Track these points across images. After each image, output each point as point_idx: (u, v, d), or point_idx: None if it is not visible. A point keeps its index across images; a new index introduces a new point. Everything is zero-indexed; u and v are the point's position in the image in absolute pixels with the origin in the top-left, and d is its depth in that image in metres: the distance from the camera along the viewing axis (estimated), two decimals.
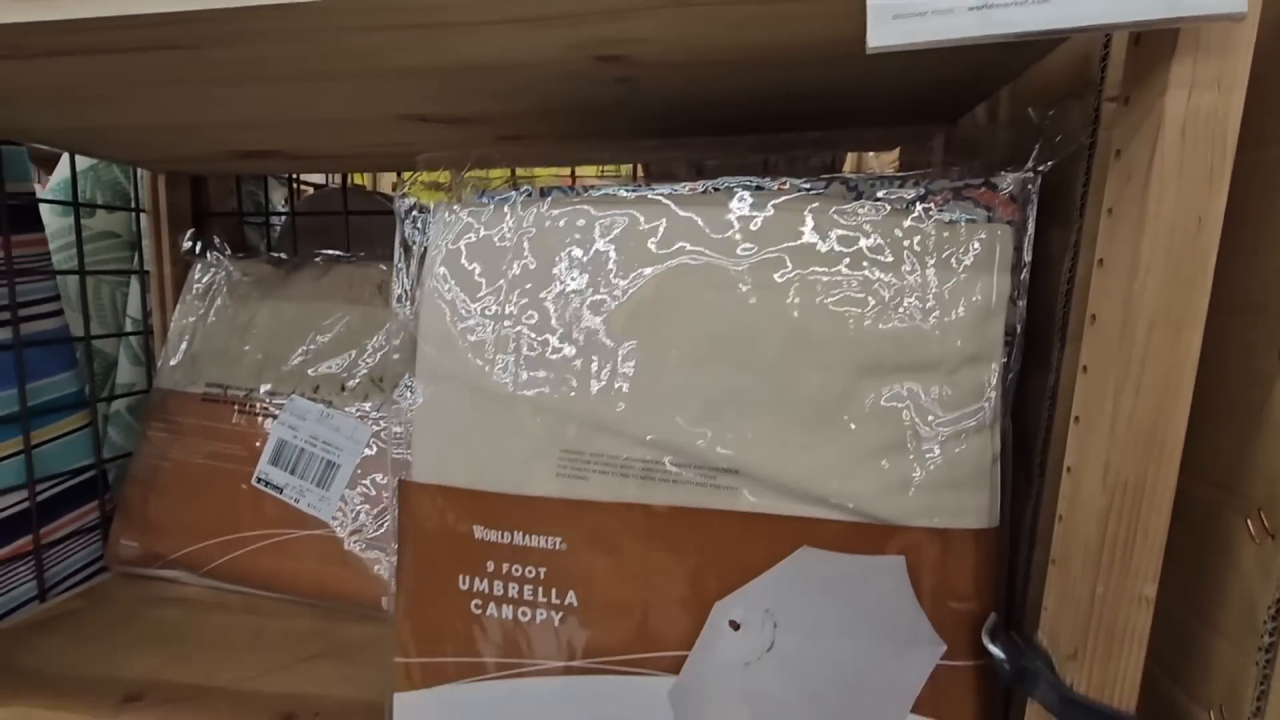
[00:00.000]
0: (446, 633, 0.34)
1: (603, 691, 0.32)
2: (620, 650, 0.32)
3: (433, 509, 0.34)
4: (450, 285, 0.34)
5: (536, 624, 0.33)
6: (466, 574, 0.34)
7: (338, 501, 0.51)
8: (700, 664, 0.31)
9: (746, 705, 0.31)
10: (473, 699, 0.34)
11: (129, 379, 0.65)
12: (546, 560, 0.32)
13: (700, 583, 0.31)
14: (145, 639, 0.48)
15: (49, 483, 0.55)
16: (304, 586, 0.51)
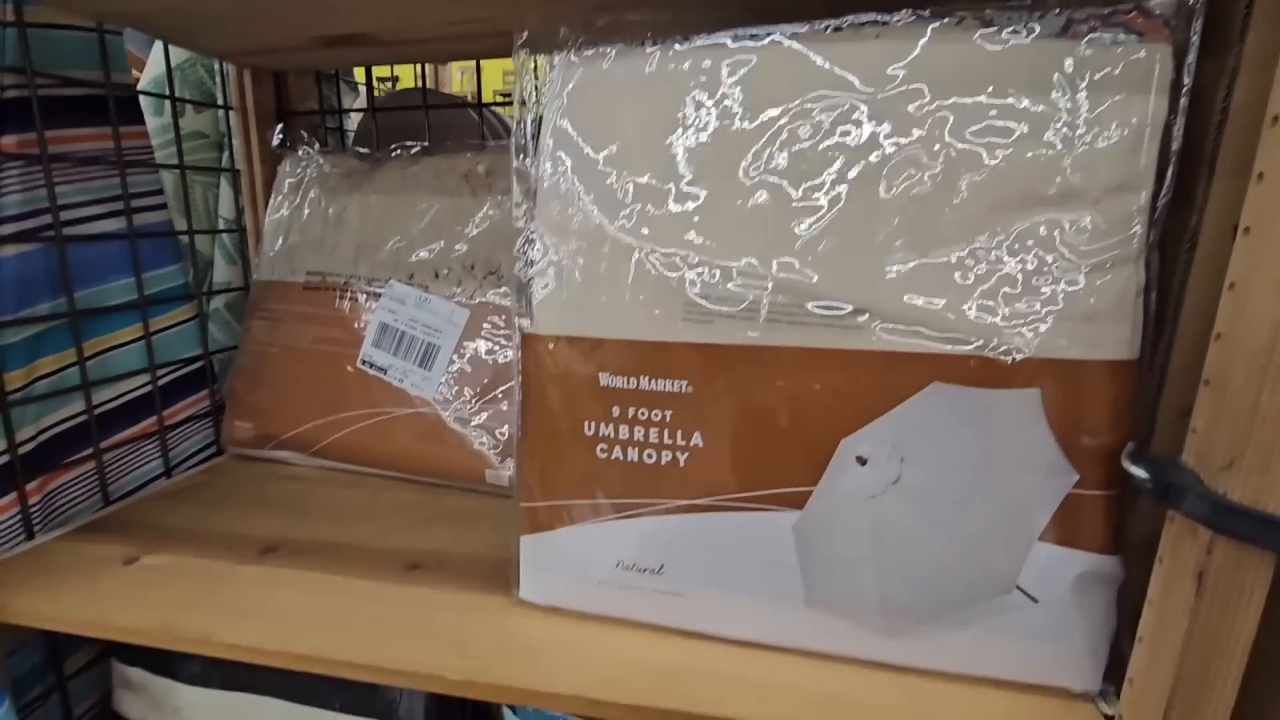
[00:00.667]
0: (571, 477, 0.36)
1: (726, 527, 0.33)
2: (744, 488, 0.33)
3: (558, 360, 0.35)
4: (572, 136, 0.34)
5: (661, 466, 0.34)
6: (592, 420, 0.35)
7: (439, 381, 0.53)
8: (825, 499, 0.32)
9: (870, 537, 0.32)
10: (597, 538, 0.36)
11: (225, 278, 0.67)
12: (673, 403, 0.33)
13: (827, 421, 0.31)
14: (268, 507, 0.52)
15: (165, 369, 0.58)
16: (408, 463, 0.54)
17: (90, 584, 0.42)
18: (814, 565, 0.33)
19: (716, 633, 0.35)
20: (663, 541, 0.35)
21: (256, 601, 0.39)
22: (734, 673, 0.33)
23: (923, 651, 0.32)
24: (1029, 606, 0.30)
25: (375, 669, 0.34)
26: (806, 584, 0.33)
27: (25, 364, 0.48)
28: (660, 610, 0.35)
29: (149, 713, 0.47)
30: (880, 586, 0.32)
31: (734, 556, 0.34)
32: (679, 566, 0.35)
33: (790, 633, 0.34)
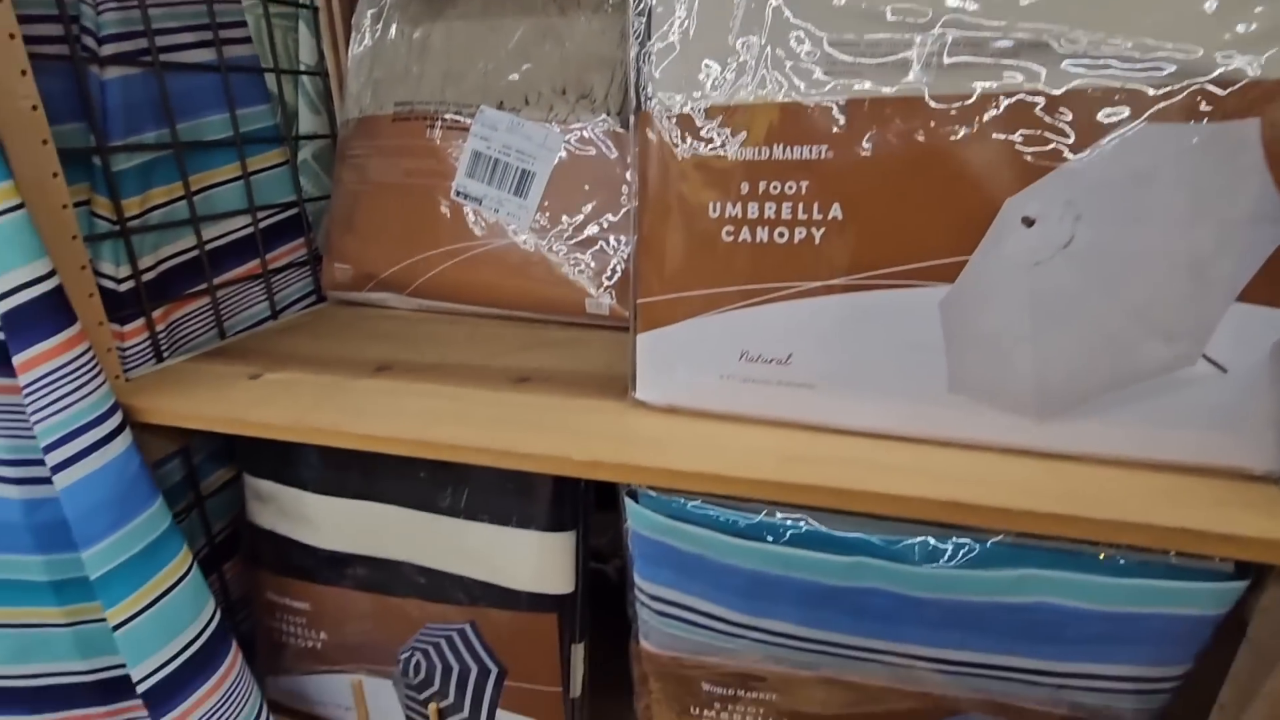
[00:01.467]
0: (694, 266, 0.34)
1: (864, 309, 0.31)
2: (887, 263, 0.31)
3: (679, 137, 0.33)
4: None
5: (794, 245, 0.32)
6: (718, 200, 0.33)
7: (535, 210, 0.51)
8: (980, 268, 0.29)
9: (1030, 309, 0.29)
10: (720, 330, 0.34)
11: (310, 127, 0.67)
12: (809, 172, 0.31)
13: (989, 179, 0.28)
14: (375, 338, 0.53)
15: (263, 212, 0.59)
16: (505, 297, 0.54)
17: (221, 392, 0.44)
18: (961, 345, 0.30)
19: (849, 425, 0.34)
20: (792, 329, 0.33)
21: (379, 404, 0.40)
22: (869, 459, 0.32)
23: (1078, 435, 0.30)
24: (1214, 379, 0.28)
25: (502, 453, 0.35)
26: (951, 367, 0.31)
27: (139, 193, 0.49)
28: (787, 404, 0.34)
29: (279, 521, 0.50)
30: (1037, 365, 0.30)
31: (871, 341, 0.32)
32: (809, 355, 0.33)
33: (930, 422, 0.32)
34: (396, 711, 0.52)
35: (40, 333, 0.38)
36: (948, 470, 0.31)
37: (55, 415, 0.39)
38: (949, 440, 0.32)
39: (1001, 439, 0.31)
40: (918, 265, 0.30)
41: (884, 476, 0.30)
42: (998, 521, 0.28)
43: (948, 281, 0.30)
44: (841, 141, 0.30)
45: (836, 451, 0.33)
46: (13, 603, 0.44)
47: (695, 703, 0.42)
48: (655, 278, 0.35)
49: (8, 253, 0.37)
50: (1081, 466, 0.30)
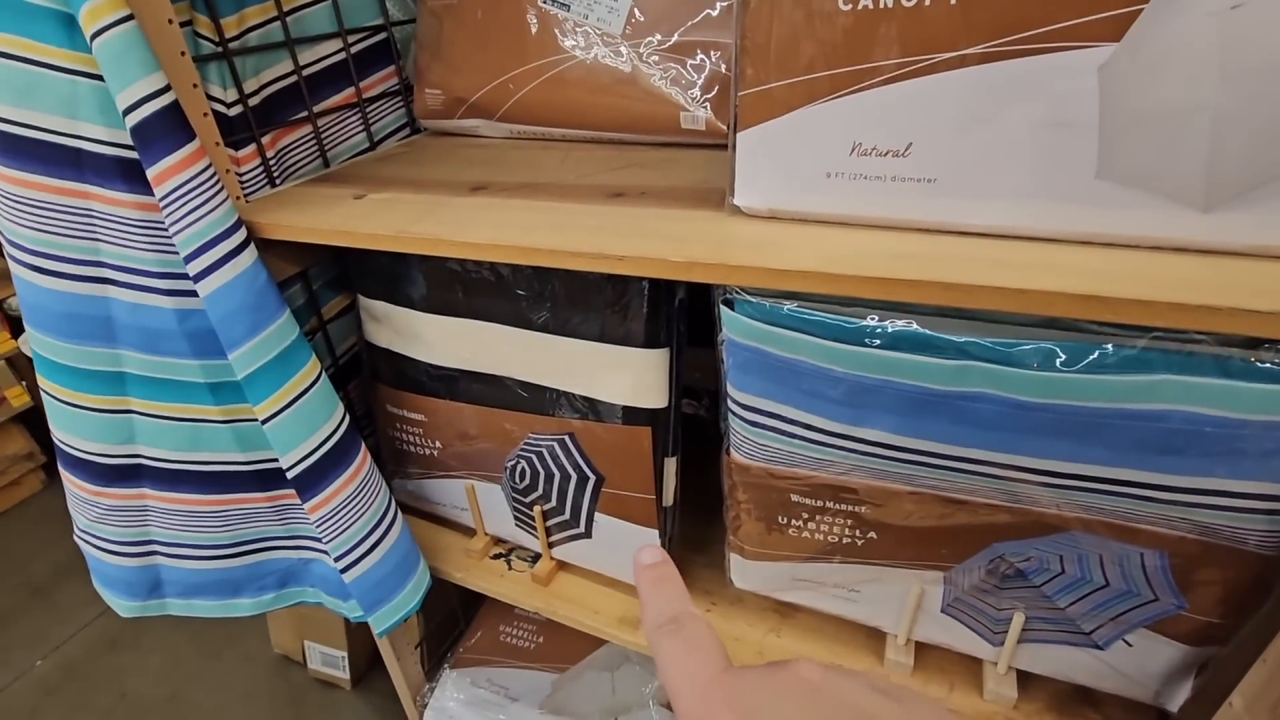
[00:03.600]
0: (804, 44, 0.31)
1: (1000, 82, 0.27)
2: (1037, 22, 0.26)
3: None
4: None
5: (925, 4, 0.28)
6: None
7: (626, 12, 0.47)
8: (1159, 18, 0.24)
9: (1219, 66, 0.24)
10: (829, 119, 0.31)
11: None
12: None
13: None
14: (469, 164, 0.53)
15: (353, 37, 0.58)
16: (597, 116, 0.52)
17: (330, 210, 0.45)
18: (1121, 119, 0.26)
19: (974, 225, 0.31)
20: (915, 113, 0.30)
21: (477, 217, 0.41)
22: (994, 257, 0.29)
23: (1250, 226, 0.26)
24: None
25: (598, 256, 0.34)
26: (1103, 148, 0.27)
27: (235, 12, 0.49)
28: (904, 202, 0.32)
29: (394, 339, 0.53)
30: (1214, 139, 0.25)
31: (1007, 122, 0.28)
32: (933, 143, 0.30)
33: (1072, 216, 0.29)
34: (505, 512, 0.57)
35: (167, 146, 0.40)
36: (1085, 266, 0.28)
37: (191, 226, 0.42)
38: (1091, 238, 0.29)
39: (1154, 233, 0.28)
40: (1075, 21, 0.26)
41: (1008, 272, 0.28)
42: (1140, 316, 0.25)
43: (1112, 41, 0.25)
44: None
45: (957, 251, 0.30)
46: (180, 399, 0.51)
47: (784, 513, 0.44)
48: (760, 64, 0.32)
49: (128, 64, 0.38)
50: (1249, 261, 0.27)
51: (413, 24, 0.62)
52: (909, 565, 0.42)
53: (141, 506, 0.53)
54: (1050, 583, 0.39)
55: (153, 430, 0.51)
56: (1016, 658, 0.43)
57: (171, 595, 0.57)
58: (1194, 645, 0.37)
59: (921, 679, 0.47)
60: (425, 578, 0.56)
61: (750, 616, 0.52)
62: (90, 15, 0.37)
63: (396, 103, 0.63)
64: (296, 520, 0.57)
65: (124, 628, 1.12)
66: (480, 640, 0.80)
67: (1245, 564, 0.33)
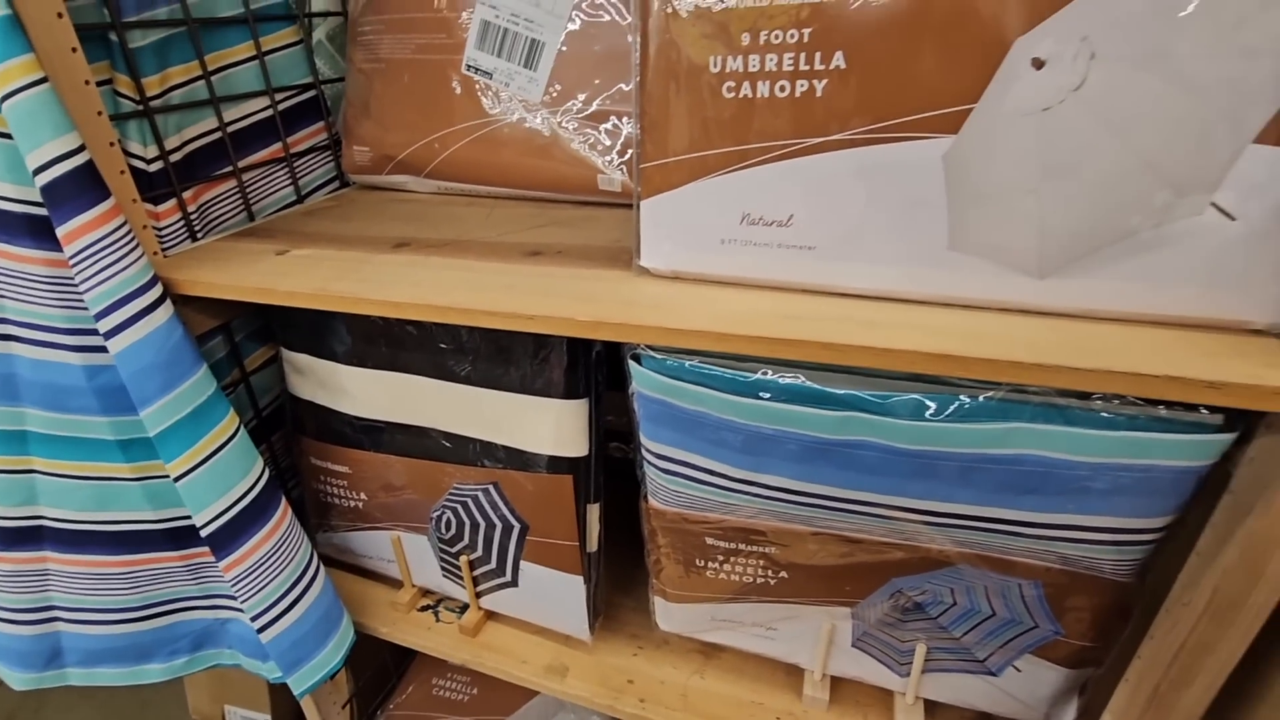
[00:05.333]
0: (697, 126, 0.34)
1: (865, 165, 0.31)
2: (890, 115, 0.30)
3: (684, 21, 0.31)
4: None
5: (795, 99, 0.31)
6: (717, 54, 0.32)
7: (545, 83, 0.50)
8: (987, 116, 0.28)
9: (1036, 157, 0.28)
10: (721, 192, 0.34)
11: (322, 5, 0.65)
12: (811, 19, 0.30)
13: (998, 20, 0.27)
14: (394, 219, 0.54)
15: (281, 95, 0.59)
16: (519, 176, 0.54)
17: (250, 266, 0.46)
18: (963, 199, 0.30)
19: (849, 287, 0.34)
20: (793, 188, 0.33)
21: (397, 275, 0.42)
22: (866, 318, 0.33)
23: (1079, 292, 0.30)
24: (1220, 229, 0.27)
25: (511, 316, 0.36)
26: (953, 224, 0.31)
27: (158, 71, 0.49)
28: (789, 266, 0.35)
29: (318, 392, 0.53)
30: (1041, 219, 0.29)
31: (871, 199, 0.32)
32: (810, 215, 0.33)
33: (929, 281, 0.32)
34: (432, 563, 0.57)
35: (78, 205, 0.40)
36: (941, 327, 0.31)
37: (102, 284, 0.41)
38: (947, 300, 0.33)
39: (1000, 297, 0.32)
40: (921, 116, 0.29)
41: (877, 332, 0.31)
42: (987, 373, 0.29)
43: (951, 132, 0.29)
44: None
45: (834, 311, 0.33)
46: (88, 457, 0.49)
47: (700, 555, 0.45)
48: (658, 141, 0.35)
49: (39, 126, 0.39)
50: (1079, 323, 0.31)
51: (342, 82, 0.64)
52: (819, 602, 0.44)
53: (42, 570, 0.51)
54: (945, 614, 0.42)
55: (56, 490, 0.49)
56: (923, 687, 0.46)
57: (72, 664, 0.54)
58: (1073, 668, 0.40)
59: (837, 713, 0.49)
60: (349, 634, 0.55)
61: (675, 659, 0.53)
62: (2, 78, 0.37)
63: (325, 157, 0.64)
64: (212, 579, 0.55)
65: (22, 701, 1.04)
66: (412, 695, 0.78)
67: (1106, 591, 0.36)
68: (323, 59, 0.67)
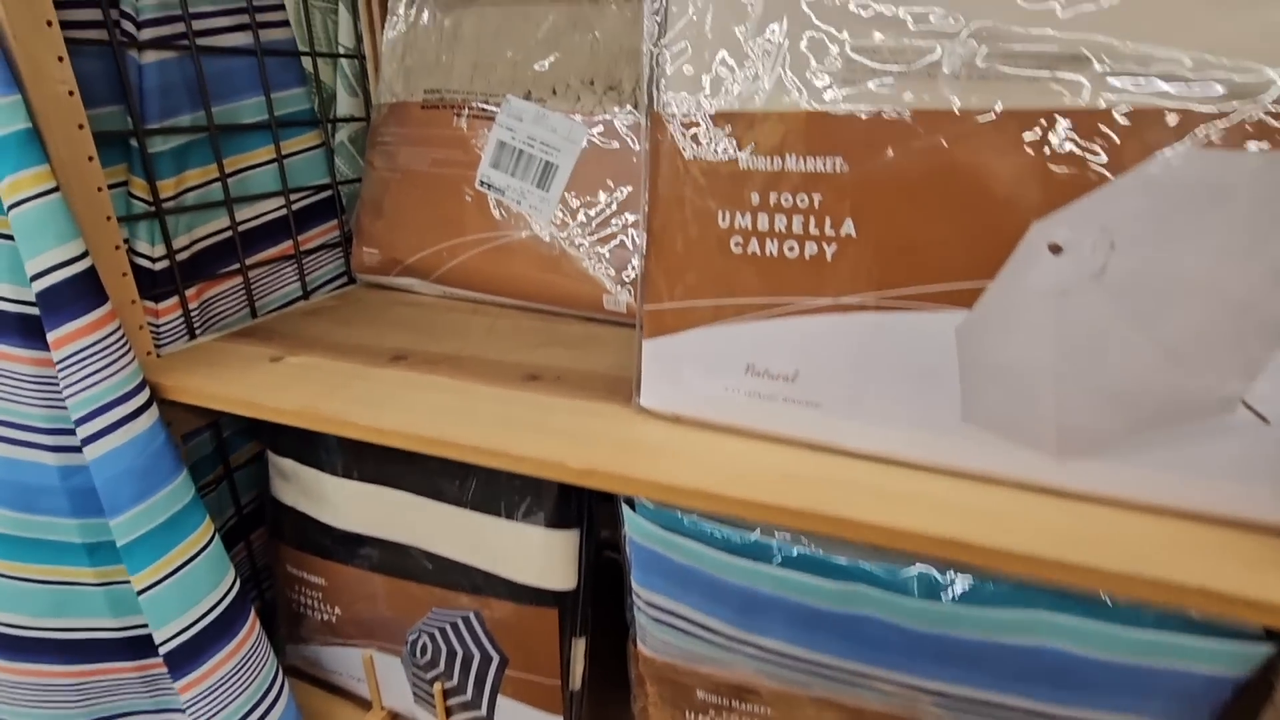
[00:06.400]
0: (703, 274, 0.33)
1: (875, 330, 0.30)
2: (901, 284, 0.29)
3: (691, 141, 0.31)
4: None
5: (805, 260, 0.30)
6: (727, 209, 0.31)
7: (557, 203, 0.51)
8: (1002, 296, 0.27)
9: (1054, 341, 0.27)
10: (727, 341, 0.33)
11: (347, 110, 0.67)
12: (822, 186, 0.29)
13: (1016, 200, 0.26)
14: (396, 326, 0.53)
15: (297, 195, 0.60)
16: (525, 289, 0.54)
17: (242, 374, 0.45)
18: (977, 375, 0.29)
19: (854, 448, 0.33)
20: (800, 345, 0.32)
21: (388, 395, 0.41)
22: (871, 483, 0.31)
23: (1098, 476, 0.28)
24: (1253, 429, 0.25)
25: (499, 454, 0.35)
26: (965, 396, 0.29)
27: (174, 174, 0.50)
28: (792, 421, 0.33)
29: (299, 499, 0.51)
30: (1059, 401, 0.28)
31: (881, 363, 0.30)
32: (816, 373, 0.32)
33: (940, 450, 0.31)
34: (404, 687, 0.53)
35: (73, 311, 0.40)
36: (953, 502, 0.29)
37: (85, 391, 0.40)
38: (960, 471, 0.31)
39: (1015, 474, 0.30)
40: (934, 288, 0.28)
41: (883, 505, 0.29)
42: (1001, 564, 0.27)
43: (965, 307, 0.28)
44: (858, 154, 0.28)
45: (839, 473, 0.32)
46: (49, 560, 0.47)
47: (690, 708, 0.42)
48: (663, 284, 0.34)
49: (43, 234, 0.38)
50: (1100, 509, 0.29)
51: (358, 182, 0.65)
52: None
53: None
54: None
55: (11, 594, 0.47)
56: None
57: None
58: None
59: None
60: None
61: None
62: (11, 188, 0.38)
63: (335, 254, 0.65)
64: (166, 692, 0.52)
65: None
66: None
67: None
68: (343, 159, 0.69)
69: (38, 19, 0.38)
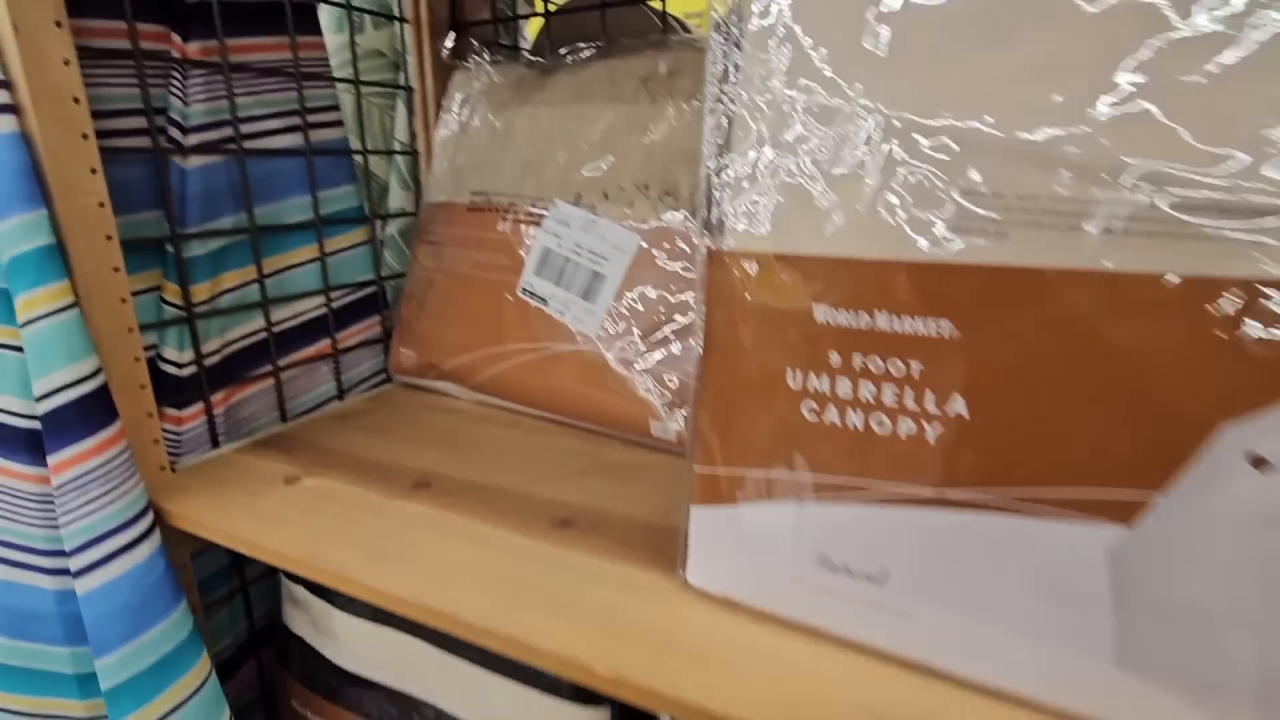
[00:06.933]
0: (766, 440, 0.27)
1: (994, 535, 0.23)
2: (1030, 482, 0.22)
3: (756, 284, 0.26)
4: None
5: (898, 438, 0.24)
6: (800, 367, 0.26)
7: (603, 316, 0.46)
8: (1178, 514, 0.20)
9: (1257, 580, 0.20)
10: (795, 523, 0.27)
11: (399, 204, 0.66)
12: (926, 352, 0.23)
13: (1196, 395, 0.20)
14: (426, 439, 0.49)
15: (340, 292, 0.57)
16: (568, 406, 0.49)
17: (254, 500, 0.41)
18: (1141, 610, 0.21)
19: (962, 675, 0.25)
20: (890, 541, 0.25)
21: (401, 541, 0.36)
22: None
23: None
24: None
25: (515, 643, 0.29)
26: (1122, 635, 0.22)
27: (210, 277, 0.48)
28: (880, 631, 0.26)
29: (309, 630, 0.47)
30: (1261, 654, 0.20)
31: (1001, 578, 0.23)
32: (912, 578, 0.25)
33: (1084, 697, 0.23)
34: None
35: (77, 434, 0.37)
36: None
37: (84, 519, 0.37)
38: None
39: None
40: (1077, 494, 0.22)
41: None
42: None
43: (1122, 523, 0.21)
44: (973, 317, 0.22)
45: (943, 709, 0.24)
46: (39, 692, 0.43)
47: None
48: (716, 445, 0.28)
49: (52, 354, 0.36)
50: None
51: (403, 278, 0.62)
52: None
53: None
54: None
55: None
56: None
57: None
58: None
59: None
60: None
61: None
62: (26, 305, 0.35)
63: (375, 350, 0.62)
64: None
65: None
66: None
67: None
68: (392, 252, 0.67)
69: (74, 133, 0.36)
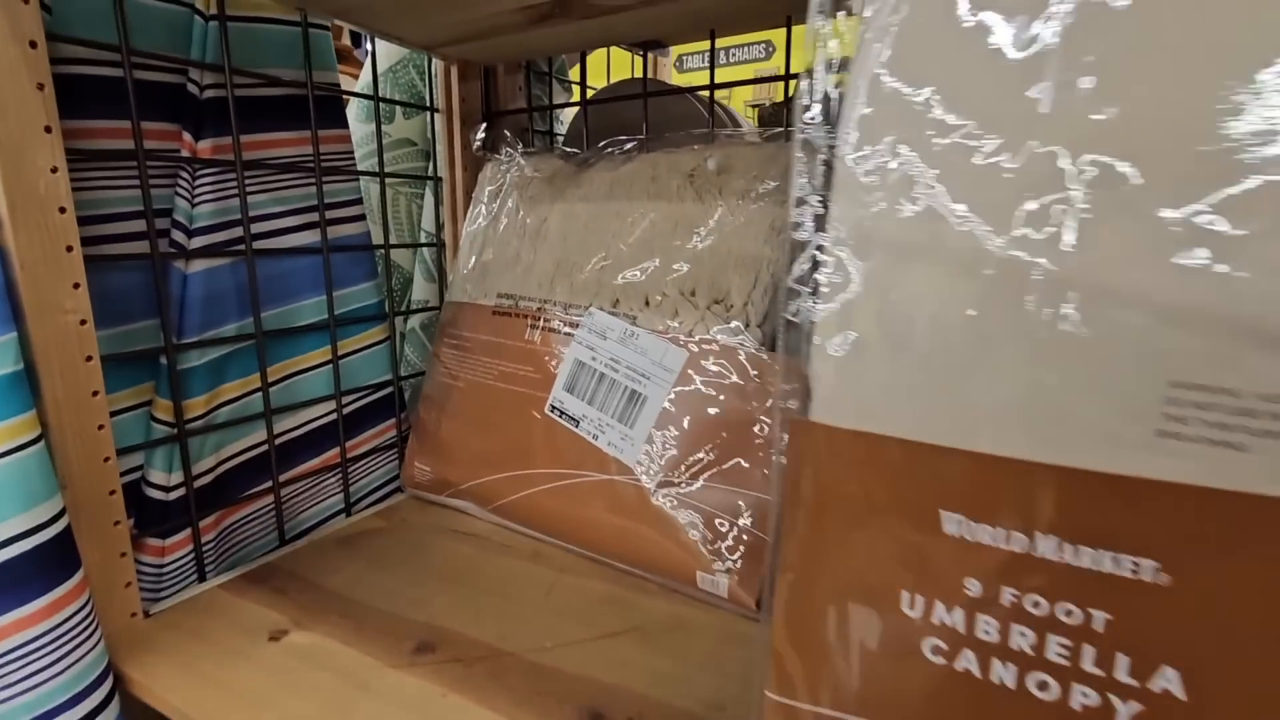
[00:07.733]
0: (871, 684, 0.20)
1: None
2: None
3: (858, 474, 0.20)
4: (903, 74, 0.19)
5: (1073, 709, 0.17)
6: (921, 593, 0.19)
7: (644, 443, 0.40)
8: None
9: None
10: None
11: (423, 295, 0.62)
12: (1116, 598, 0.16)
13: None
14: (437, 578, 0.43)
15: (353, 396, 0.53)
16: (599, 543, 0.42)
17: (230, 665, 0.35)
18: None
19: None
20: None
21: None
22: None
23: None
24: None
25: None
26: None
27: (208, 390, 0.43)
28: None
29: None
30: None
31: None
32: None
33: None
34: None
35: (27, 593, 0.31)
36: None
37: (24, 694, 0.31)
38: None
39: None
40: None
41: None
42: None
43: None
44: (1192, 556, 0.15)
45: None
46: None
47: None
48: (799, 676, 0.22)
49: (4, 501, 0.31)
50: None
51: (423, 375, 0.57)
52: None
53: None
54: None
55: None
56: None
57: None
58: None
59: None
60: None
61: None
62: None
63: (390, 456, 0.57)
64: None
65: None
66: None
67: None
68: (413, 346, 0.62)
69: (57, 245, 0.33)
